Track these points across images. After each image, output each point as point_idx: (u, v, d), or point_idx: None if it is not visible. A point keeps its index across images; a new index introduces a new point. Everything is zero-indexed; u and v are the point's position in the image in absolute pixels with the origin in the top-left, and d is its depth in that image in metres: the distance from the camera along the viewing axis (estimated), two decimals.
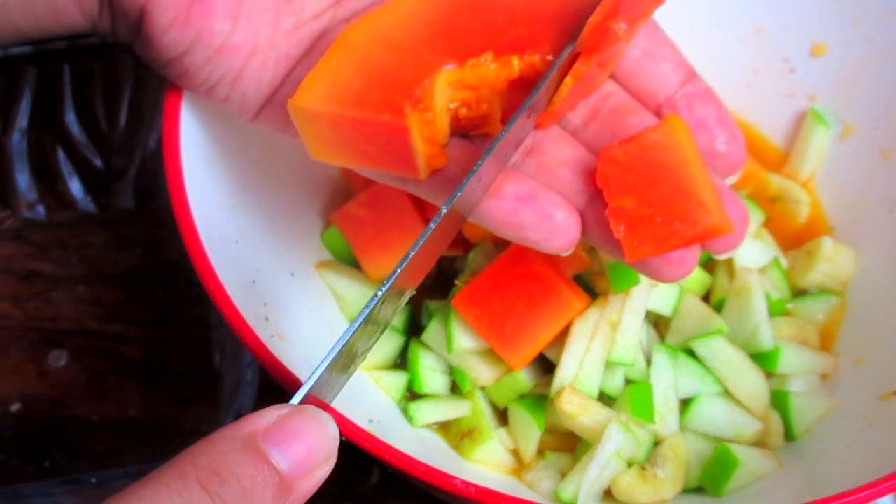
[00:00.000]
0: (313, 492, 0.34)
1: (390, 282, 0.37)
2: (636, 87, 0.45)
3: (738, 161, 0.44)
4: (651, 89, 0.45)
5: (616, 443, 0.50)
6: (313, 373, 0.35)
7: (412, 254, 0.37)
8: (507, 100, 0.42)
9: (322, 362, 0.36)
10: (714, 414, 0.54)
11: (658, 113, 0.45)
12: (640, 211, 0.40)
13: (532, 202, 0.40)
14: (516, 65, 0.41)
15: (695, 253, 0.41)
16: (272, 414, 0.34)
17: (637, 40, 0.44)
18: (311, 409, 0.35)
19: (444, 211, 0.38)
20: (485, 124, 0.43)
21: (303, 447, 0.33)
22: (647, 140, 0.41)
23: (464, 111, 0.42)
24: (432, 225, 0.38)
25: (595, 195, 0.42)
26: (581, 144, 0.44)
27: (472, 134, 0.44)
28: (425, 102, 0.40)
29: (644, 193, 0.40)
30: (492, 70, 0.41)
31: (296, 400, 0.35)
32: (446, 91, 0.41)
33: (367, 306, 0.36)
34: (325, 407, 0.36)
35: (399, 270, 0.37)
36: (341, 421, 0.43)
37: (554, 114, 0.43)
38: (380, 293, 0.36)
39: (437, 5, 0.43)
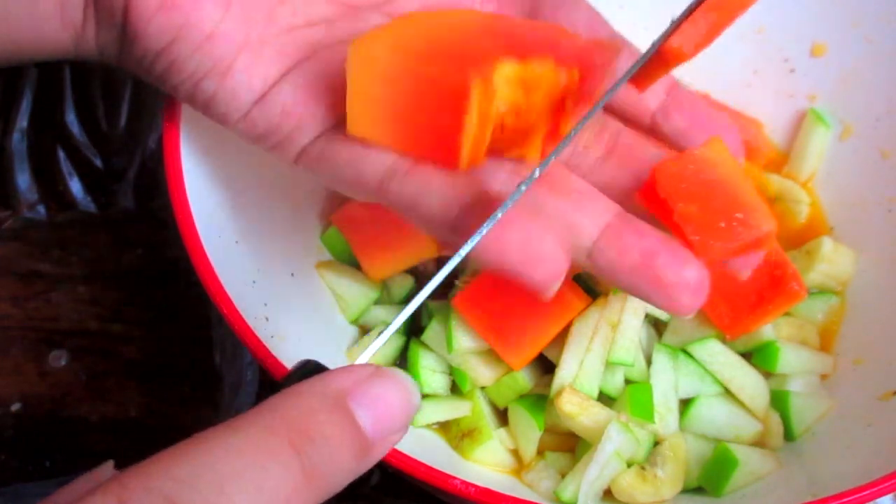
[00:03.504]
0: (383, 455, 0.33)
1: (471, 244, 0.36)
2: (631, 100, 0.45)
3: (734, 150, 0.44)
4: (644, 101, 0.45)
5: (616, 443, 0.50)
6: (386, 329, 0.35)
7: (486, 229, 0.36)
8: (551, 123, 0.41)
9: (398, 318, 0.36)
10: (714, 414, 0.54)
11: (654, 122, 0.45)
12: (703, 217, 0.40)
13: (520, 226, 0.38)
14: (576, 73, 0.40)
15: (706, 283, 0.40)
16: (361, 372, 0.33)
17: (621, 61, 0.44)
18: (399, 372, 0.34)
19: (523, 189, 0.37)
20: (525, 142, 0.41)
21: (388, 410, 0.33)
22: (697, 156, 0.41)
23: (510, 119, 0.41)
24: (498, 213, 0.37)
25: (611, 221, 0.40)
26: (599, 181, 0.43)
27: (507, 156, 0.42)
28: (490, 77, 0.38)
29: (704, 202, 0.40)
30: (552, 73, 0.40)
31: (364, 359, 0.35)
32: (503, 85, 0.39)
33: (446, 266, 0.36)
34: None
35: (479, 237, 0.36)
36: None
37: (557, 137, 0.42)
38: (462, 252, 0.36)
39: (499, 17, 0.43)
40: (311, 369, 0.34)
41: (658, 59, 0.40)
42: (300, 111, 0.43)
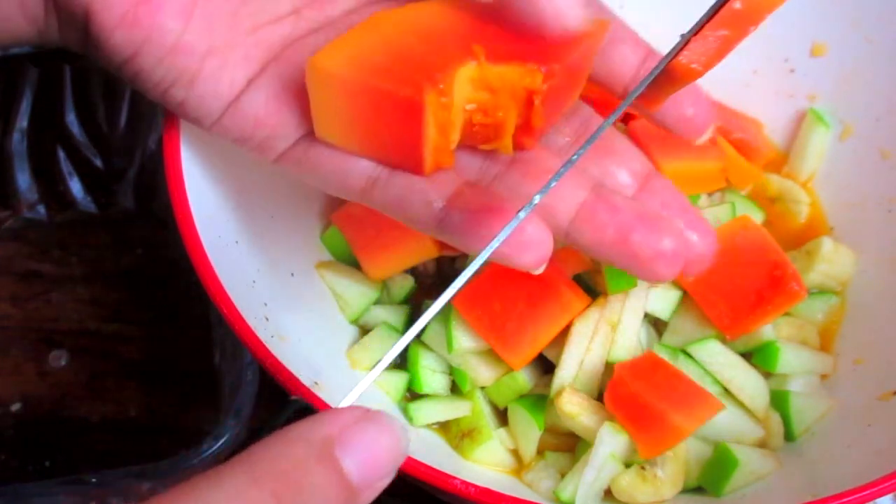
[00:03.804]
0: (370, 501, 0.32)
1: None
2: (603, 73, 0.44)
3: (705, 121, 0.45)
4: (617, 72, 0.44)
5: (609, 445, 0.50)
6: (378, 364, 0.35)
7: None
8: (522, 116, 0.41)
9: (402, 339, 0.35)
10: (715, 417, 0.54)
11: (625, 92, 0.44)
12: (733, 301, 0.49)
13: (506, 217, 0.39)
14: (540, 76, 0.40)
15: (681, 250, 0.41)
16: (348, 417, 0.32)
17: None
18: (387, 416, 0.33)
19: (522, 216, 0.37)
20: (496, 137, 0.42)
21: (375, 457, 0.32)
22: (726, 231, 0.48)
23: (479, 117, 0.41)
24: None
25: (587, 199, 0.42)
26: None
27: (482, 148, 0.43)
28: (445, 86, 0.38)
29: (738, 282, 0.49)
30: (515, 73, 0.40)
31: (350, 400, 0.34)
32: (467, 87, 0.40)
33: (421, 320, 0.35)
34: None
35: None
36: None
37: (534, 133, 0.42)
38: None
39: (468, 9, 0.42)
40: (297, 410, 0.34)
41: (667, 77, 0.40)
42: (273, 120, 0.43)
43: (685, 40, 0.39)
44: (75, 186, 0.68)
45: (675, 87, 0.41)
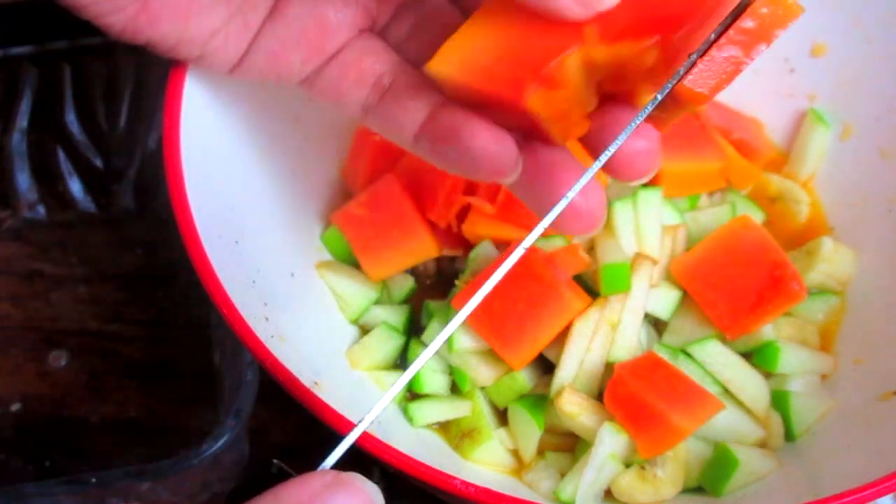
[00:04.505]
0: None
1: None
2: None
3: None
4: None
5: (609, 446, 0.50)
6: (365, 418, 0.35)
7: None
8: (652, 80, 0.40)
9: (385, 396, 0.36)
10: (715, 416, 0.54)
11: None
12: (733, 301, 0.52)
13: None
14: (652, 54, 0.38)
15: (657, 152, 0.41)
16: (318, 483, 0.32)
17: None
18: (359, 479, 0.33)
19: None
20: (632, 98, 0.41)
21: None
22: (726, 231, 0.50)
23: (609, 85, 0.40)
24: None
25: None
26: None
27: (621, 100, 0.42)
28: (558, 79, 0.38)
29: (738, 282, 0.51)
30: (628, 50, 0.38)
31: (330, 462, 0.34)
32: (580, 72, 0.39)
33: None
34: None
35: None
36: (340, 421, 0.43)
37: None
38: None
39: None
40: (272, 474, 0.34)
41: (673, 101, 0.39)
42: (278, 69, 0.45)
43: (692, 62, 0.37)
44: (75, 186, 0.68)
45: (682, 112, 0.40)
